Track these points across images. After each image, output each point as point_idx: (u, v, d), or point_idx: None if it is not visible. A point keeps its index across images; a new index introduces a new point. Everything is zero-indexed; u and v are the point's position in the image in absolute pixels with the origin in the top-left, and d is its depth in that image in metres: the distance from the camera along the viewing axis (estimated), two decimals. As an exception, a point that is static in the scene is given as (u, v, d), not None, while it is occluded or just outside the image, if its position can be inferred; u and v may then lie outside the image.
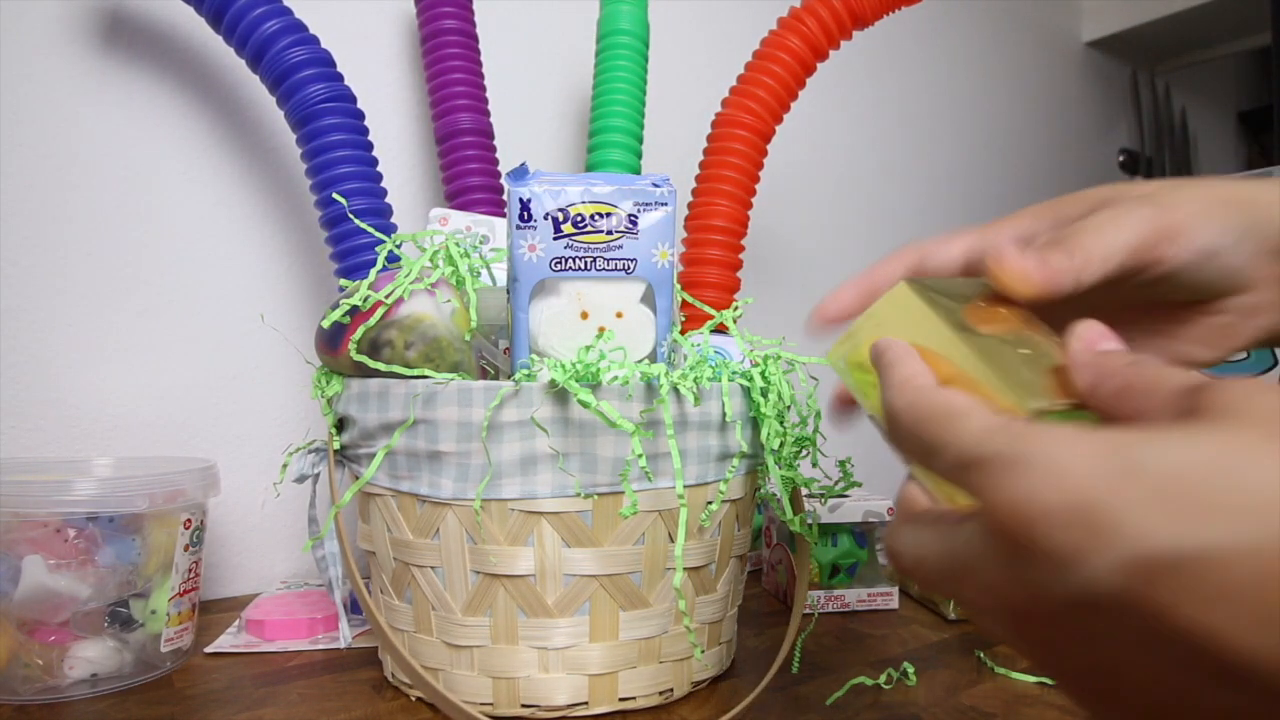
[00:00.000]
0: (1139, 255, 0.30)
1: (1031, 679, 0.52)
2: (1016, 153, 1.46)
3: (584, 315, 0.45)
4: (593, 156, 0.70)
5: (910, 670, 0.52)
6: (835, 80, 1.17)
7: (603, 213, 0.44)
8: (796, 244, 1.14)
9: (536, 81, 0.90)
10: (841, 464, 0.54)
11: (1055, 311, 0.30)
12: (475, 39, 0.73)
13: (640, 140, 0.71)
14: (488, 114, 0.72)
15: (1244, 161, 1.98)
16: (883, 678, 0.51)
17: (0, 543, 0.47)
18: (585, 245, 0.44)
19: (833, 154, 1.18)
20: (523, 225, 0.44)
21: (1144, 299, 0.33)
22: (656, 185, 0.45)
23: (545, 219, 0.44)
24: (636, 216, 0.44)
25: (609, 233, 0.44)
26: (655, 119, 0.96)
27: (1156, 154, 1.70)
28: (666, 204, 0.45)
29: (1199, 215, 0.31)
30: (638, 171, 0.71)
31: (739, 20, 1.06)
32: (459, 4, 0.72)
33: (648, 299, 0.46)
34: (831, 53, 0.71)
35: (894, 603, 0.67)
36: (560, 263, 0.44)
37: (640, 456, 0.42)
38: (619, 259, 0.44)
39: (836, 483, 0.54)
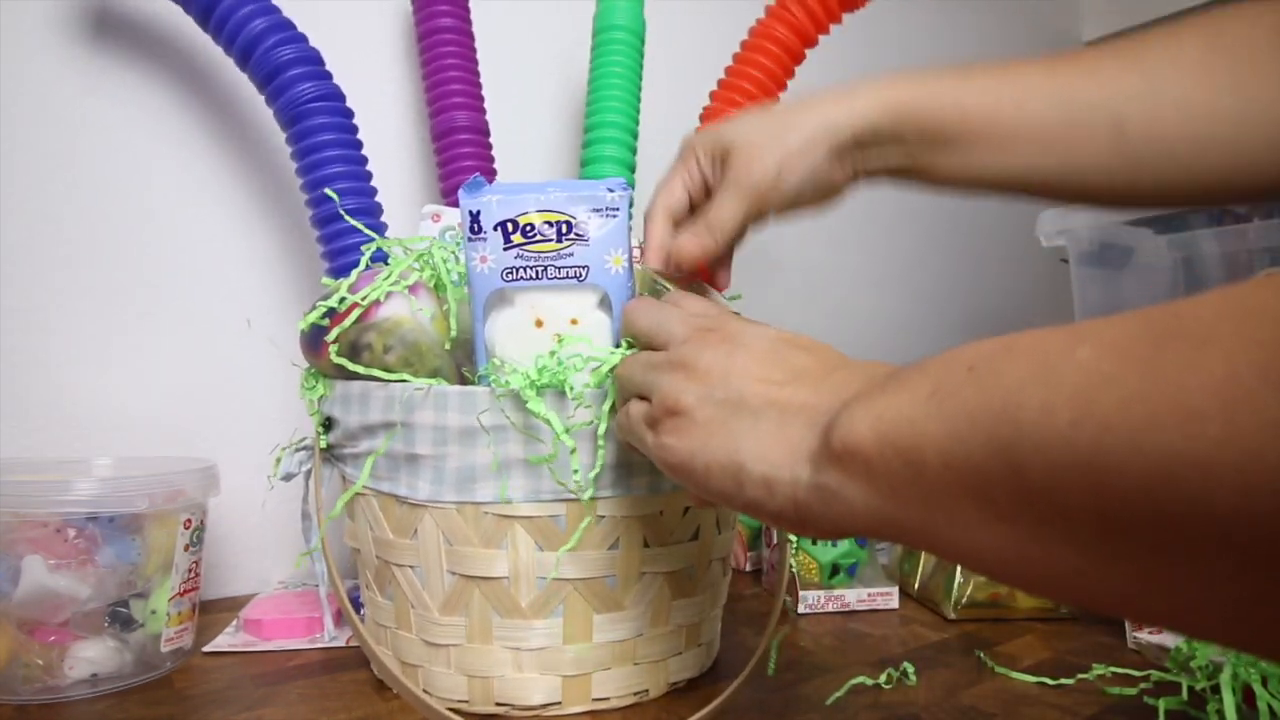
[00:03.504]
0: (756, 211, 0.47)
1: (1031, 679, 0.52)
2: (1017, 152, 1.46)
3: (539, 324, 0.45)
4: (587, 152, 0.70)
5: (910, 670, 0.52)
6: (833, 78, 1.17)
7: (551, 221, 0.44)
8: (788, 240, 1.14)
9: (532, 78, 0.90)
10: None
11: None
12: (471, 37, 0.73)
13: (635, 135, 0.71)
14: (483, 111, 0.72)
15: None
16: (883, 678, 0.51)
17: (0, 543, 0.47)
18: (535, 254, 0.44)
19: (833, 153, 1.18)
20: (473, 237, 0.44)
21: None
22: (611, 190, 0.45)
23: (495, 230, 0.44)
24: (587, 223, 0.44)
25: (559, 241, 0.44)
26: (647, 112, 0.95)
27: (1157, 153, 1.69)
28: (618, 209, 0.44)
29: (795, 157, 0.46)
30: (633, 167, 0.71)
31: (730, 9, 1.06)
32: (455, 2, 0.71)
33: (604, 305, 0.46)
34: (821, 47, 0.71)
35: (894, 602, 0.67)
36: (511, 273, 0.44)
37: (574, 453, 0.43)
38: (570, 267, 0.44)
39: None
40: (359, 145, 0.60)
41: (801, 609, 0.66)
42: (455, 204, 0.68)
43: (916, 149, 0.47)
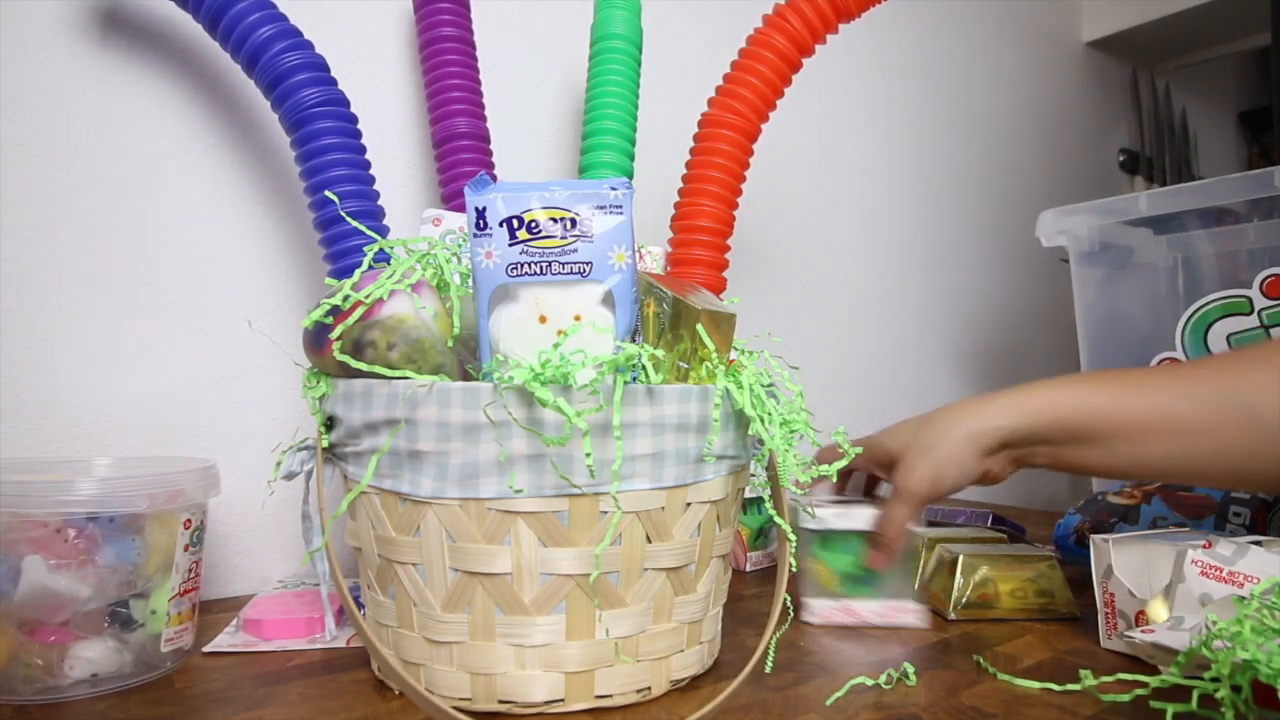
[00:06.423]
0: (920, 510, 0.59)
1: (1028, 682, 0.52)
2: (1016, 153, 1.46)
3: (542, 319, 0.45)
4: (585, 159, 0.71)
5: (910, 670, 0.52)
6: (834, 80, 1.18)
7: (556, 218, 0.45)
8: (787, 243, 1.14)
9: (533, 86, 0.90)
10: (837, 434, 0.55)
11: None
12: (473, 45, 0.73)
13: (633, 143, 0.72)
14: (484, 118, 0.72)
15: (1244, 162, 1.98)
16: (883, 678, 0.51)
17: (0, 543, 0.47)
18: (540, 250, 0.44)
19: (828, 153, 1.19)
20: (479, 233, 0.45)
21: None
22: (614, 189, 0.45)
23: (500, 226, 0.45)
24: (591, 220, 0.45)
25: (563, 237, 0.44)
26: (646, 119, 0.96)
27: (1156, 154, 1.70)
28: (621, 206, 0.45)
29: (945, 465, 0.57)
30: (630, 174, 0.72)
31: (728, 18, 1.06)
32: (457, 12, 0.72)
33: (607, 301, 0.46)
34: (819, 48, 0.71)
35: (911, 619, 0.63)
36: (516, 268, 0.45)
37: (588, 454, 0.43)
38: (574, 262, 0.45)
39: (837, 460, 0.55)
40: (363, 150, 0.60)
41: (811, 618, 0.63)
42: (456, 209, 0.69)
43: (1062, 447, 0.56)
